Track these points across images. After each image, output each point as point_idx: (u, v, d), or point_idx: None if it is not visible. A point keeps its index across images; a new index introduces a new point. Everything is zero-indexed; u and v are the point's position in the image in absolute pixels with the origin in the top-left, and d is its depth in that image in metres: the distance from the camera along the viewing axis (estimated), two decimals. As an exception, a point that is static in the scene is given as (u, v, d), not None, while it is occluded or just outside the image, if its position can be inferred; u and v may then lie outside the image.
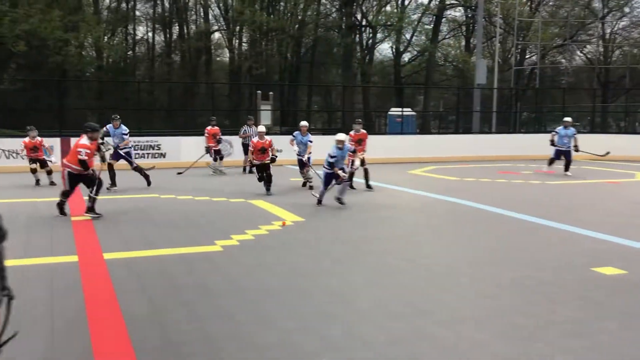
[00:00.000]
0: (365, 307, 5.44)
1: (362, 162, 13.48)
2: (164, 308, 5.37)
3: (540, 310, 5.41)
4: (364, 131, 14.15)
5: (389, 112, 34.43)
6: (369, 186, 13.62)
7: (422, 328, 4.94)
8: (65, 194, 10.07)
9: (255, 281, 6.26)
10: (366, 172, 13.65)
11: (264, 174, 12.85)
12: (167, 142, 20.09)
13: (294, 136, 14.45)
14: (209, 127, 17.66)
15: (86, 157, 9.82)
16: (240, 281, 6.26)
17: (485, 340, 4.68)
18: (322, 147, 15.13)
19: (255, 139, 13.07)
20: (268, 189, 12.87)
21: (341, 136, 11.35)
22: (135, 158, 14.88)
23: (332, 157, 11.05)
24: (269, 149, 12.89)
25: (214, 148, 17.45)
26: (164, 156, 19.69)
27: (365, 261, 7.19)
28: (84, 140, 9.91)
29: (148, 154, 19.44)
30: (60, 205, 10.08)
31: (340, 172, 10.99)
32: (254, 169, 13.16)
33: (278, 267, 6.81)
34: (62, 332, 4.79)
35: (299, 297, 5.75)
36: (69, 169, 9.99)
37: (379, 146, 20.73)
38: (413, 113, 34.64)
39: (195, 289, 5.95)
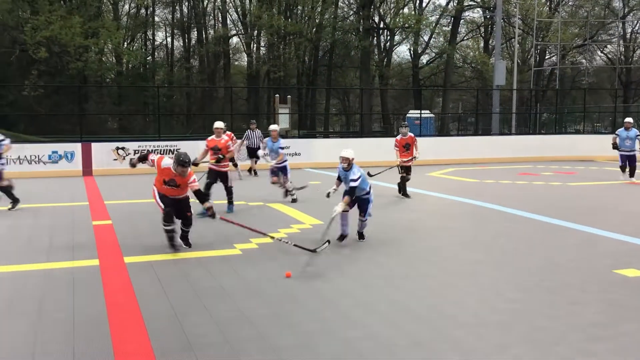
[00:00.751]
0: (386, 310, 5.42)
1: (408, 171, 12.82)
2: (184, 311, 5.39)
3: (562, 313, 5.35)
4: (412, 134, 13.01)
5: (408, 115, 34.32)
6: (405, 194, 12.87)
7: (443, 331, 4.91)
8: (165, 218, 7.72)
9: (275, 284, 6.27)
10: (405, 179, 12.84)
11: (221, 184, 10.79)
12: (186, 147, 20.15)
13: (264, 143, 12.59)
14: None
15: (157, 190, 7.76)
16: (259, 284, 6.27)
17: (507, 344, 4.64)
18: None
19: (209, 138, 11.07)
20: (229, 203, 10.96)
21: (345, 152, 8.09)
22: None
23: (338, 177, 8.36)
24: (226, 149, 10.80)
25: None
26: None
27: (386, 264, 7.16)
28: (167, 161, 7.62)
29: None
30: (169, 236, 7.83)
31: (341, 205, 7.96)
32: (206, 174, 10.93)
33: (297, 270, 6.81)
34: (83, 334, 4.83)
35: (319, 300, 5.74)
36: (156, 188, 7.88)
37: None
38: (432, 115, 34.53)
39: (214, 292, 5.97)
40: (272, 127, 12.54)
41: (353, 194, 7.93)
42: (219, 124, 11.00)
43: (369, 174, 13.21)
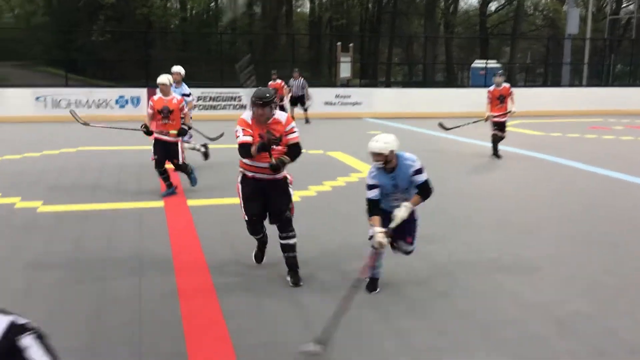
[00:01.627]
0: (443, 262, 5.41)
1: (503, 128, 11.36)
2: (244, 252, 5.51)
3: (626, 270, 5.21)
4: (507, 85, 11.44)
5: (473, 65, 33.40)
6: (495, 153, 11.50)
7: (502, 284, 4.88)
8: (251, 231, 5.10)
9: (332, 232, 6.33)
10: (497, 137, 11.40)
11: (170, 161, 8.10)
12: (247, 94, 20.35)
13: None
14: (270, 82, 17.39)
15: (244, 140, 4.76)
16: (315, 232, 6.32)
17: (567, 298, 4.57)
18: (401, 103, 14.19)
19: (156, 97, 8.08)
20: (191, 181, 8.33)
21: (377, 145, 4.40)
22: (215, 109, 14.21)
23: (371, 186, 4.53)
24: (179, 111, 7.95)
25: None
26: (245, 107, 20.00)
27: (445, 215, 7.09)
28: (246, 114, 5.12)
29: (229, 105, 19.76)
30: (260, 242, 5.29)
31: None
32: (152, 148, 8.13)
33: (354, 219, 6.84)
34: (149, 271, 5.04)
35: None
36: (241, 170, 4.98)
37: (461, 100, 20.28)
38: (498, 65, 33.42)
39: (273, 237, 6.08)
40: (174, 68, 9.91)
41: (428, 192, 4.54)
42: (165, 78, 8.03)
43: (441, 126, 11.59)
